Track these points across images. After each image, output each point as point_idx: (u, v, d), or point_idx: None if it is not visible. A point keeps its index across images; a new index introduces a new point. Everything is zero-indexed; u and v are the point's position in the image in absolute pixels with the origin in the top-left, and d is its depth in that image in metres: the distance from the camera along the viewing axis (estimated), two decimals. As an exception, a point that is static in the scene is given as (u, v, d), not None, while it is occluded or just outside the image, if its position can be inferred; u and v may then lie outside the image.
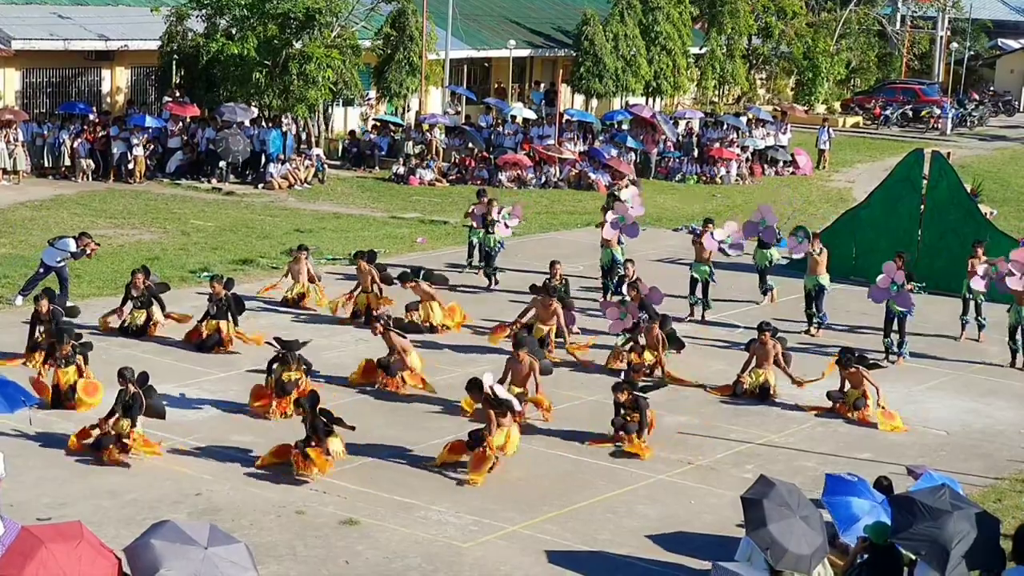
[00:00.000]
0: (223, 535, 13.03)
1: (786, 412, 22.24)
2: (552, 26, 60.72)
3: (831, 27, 71.53)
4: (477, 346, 25.27)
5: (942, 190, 31.32)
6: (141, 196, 39.18)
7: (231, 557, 12.70)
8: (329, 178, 43.53)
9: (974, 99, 73.01)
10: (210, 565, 12.47)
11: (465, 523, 17.18)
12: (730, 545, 16.10)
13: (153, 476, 18.20)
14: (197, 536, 12.70)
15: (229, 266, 30.45)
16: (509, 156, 45.40)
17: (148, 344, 24.22)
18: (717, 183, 47.17)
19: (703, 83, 62.77)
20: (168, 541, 12.58)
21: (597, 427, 20.87)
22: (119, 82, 45.69)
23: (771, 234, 28.74)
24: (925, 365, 25.25)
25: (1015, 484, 19.28)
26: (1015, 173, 52.94)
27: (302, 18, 42.85)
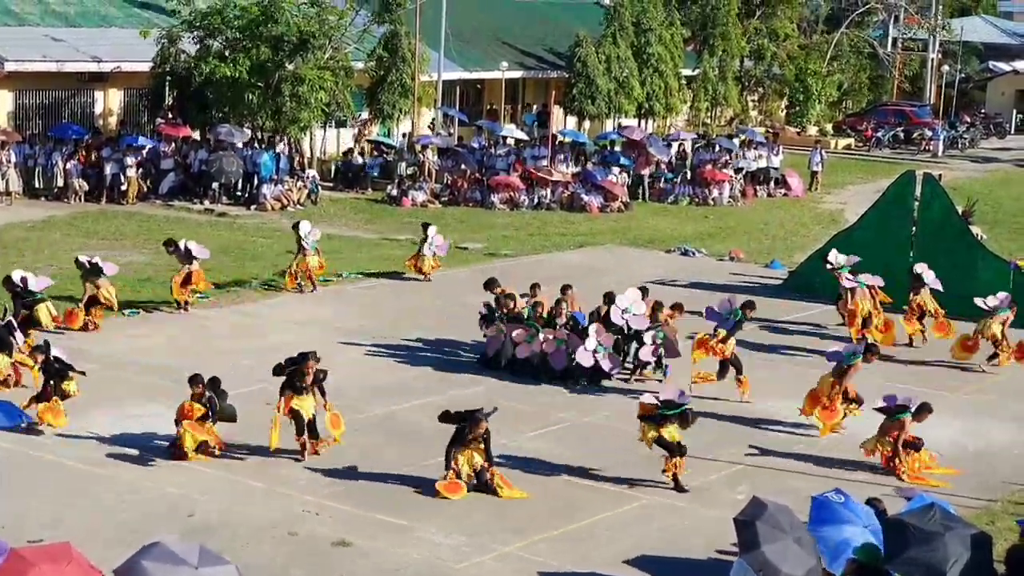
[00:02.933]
0: (213, 556, 12.98)
1: (778, 433, 22.22)
2: (544, 48, 60.82)
3: (823, 49, 71.73)
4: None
5: (934, 212, 31.38)
6: (134, 217, 39.18)
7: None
8: (322, 199, 43.55)
9: (965, 121, 73.16)
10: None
11: (458, 544, 17.16)
12: (723, 567, 16.06)
13: (146, 495, 18.17)
14: (187, 557, 12.64)
15: (220, 290, 30.43)
16: (501, 178, 45.44)
17: (138, 365, 24.16)
18: (710, 205, 47.22)
19: (695, 105, 62.90)
20: (158, 563, 12.52)
21: (589, 448, 20.88)
22: (112, 103, 45.70)
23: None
24: (919, 387, 25.24)
25: (1008, 506, 19.27)
26: (1006, 195, 53.04)
27: (295, 40, 42.94)
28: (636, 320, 25.01)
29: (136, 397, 21.82)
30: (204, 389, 19.68)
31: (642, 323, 24.90)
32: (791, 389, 24.70)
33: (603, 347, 24.35)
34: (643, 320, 24.99)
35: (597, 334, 24.38)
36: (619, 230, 41.00)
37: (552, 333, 24.74)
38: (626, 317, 25.03)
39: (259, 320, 28.14)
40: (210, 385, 19.79)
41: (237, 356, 25.20)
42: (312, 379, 19.97)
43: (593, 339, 24.32)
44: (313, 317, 28.51)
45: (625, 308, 25.11)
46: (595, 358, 24.29)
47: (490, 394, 23.40)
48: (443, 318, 28.81)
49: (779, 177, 51.16)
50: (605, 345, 24.39)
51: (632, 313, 25.10)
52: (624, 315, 25.06)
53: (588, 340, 24.32)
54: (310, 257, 30.60)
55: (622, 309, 25.08)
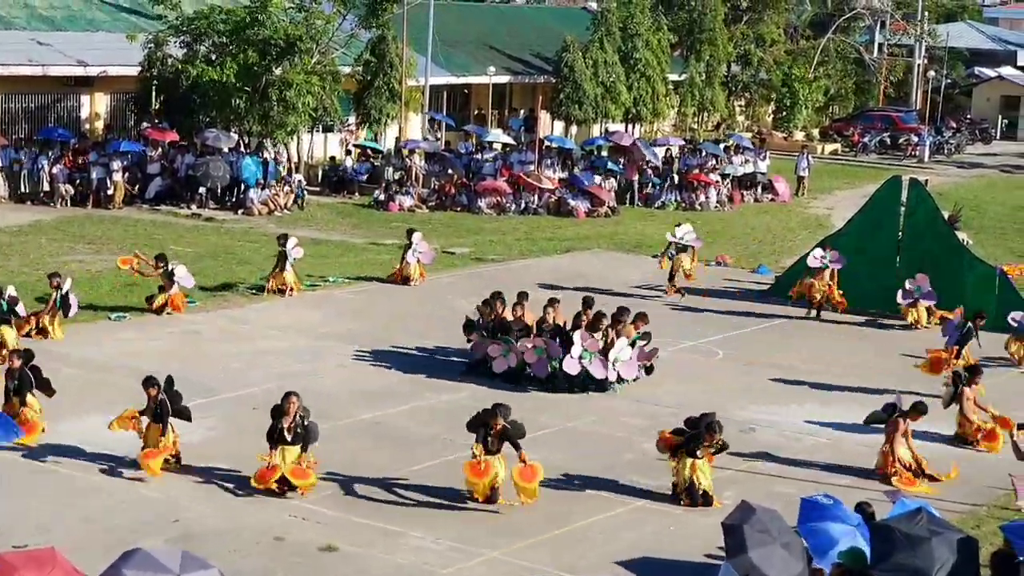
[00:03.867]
0: (197, 561, 12.89)
1: (765, 438, 22.25)
2: (532, 52, 60.86)
3: (809, 55, 71.91)
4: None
5: (920, 217, 31.46)
6: (120, 222, 39.12)
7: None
8: (309, 204, 43.52)
9: (951, 127, 73.35)
10: None
11: (444, 549, 17.15)
12: (710, 571, 16.09)
13: (132, 502, 18.13)
14: (169, 563, 12.55)
15: (208, 292, 30.43)
16: (488, 182, 45.46)
17: (125, 369, 24.11)
18: (697, 210, 47.27)
19: (682, 110, 63.00)
20: (139, 570, 12.45)
21: (576, 453, 20.90)
22: (98, 108, 45.65)
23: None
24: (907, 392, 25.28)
25: (994, 510, 19.30)
26: (992, 200, 53.17)
27: (282, 45, 42.91)
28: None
29: (124, 402, 21.69)
30: (159, 392, 19.48)
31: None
32: (778, 394, 24.78)
33: (589, 353, 24.28)
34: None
35: (582, 340, 24.31)
36: (606, 235, 41.03)
37: (531, 342, 24.65)
38: (583, 361, 24.46)
39: (247, 325, 28.12)
40: (165, 386, 19.56)
41: (226, 360, 25.20)
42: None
43: (578, 345, 24.25)
44: (300, 321, 28.50)
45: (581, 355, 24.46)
46: (582, 365, 24.24)
47: (476, 400, 23.39)
48: (430, 323, 28.81)
49: (766, 182, 51.23)
50: (591, 351, 24.33)
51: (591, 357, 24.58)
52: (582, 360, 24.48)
53: (574, 347, 24.26)
54: (287, 273, 30.61)
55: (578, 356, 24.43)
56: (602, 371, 24.25)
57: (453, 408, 22.95)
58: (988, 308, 30.08)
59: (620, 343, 24.50)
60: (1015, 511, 18.34)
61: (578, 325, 24.87)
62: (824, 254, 31.13)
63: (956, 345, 26.07)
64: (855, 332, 30.08)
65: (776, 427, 22.84)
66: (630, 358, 24.53)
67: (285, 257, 30.63)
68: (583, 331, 24.49)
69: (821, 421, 23.26)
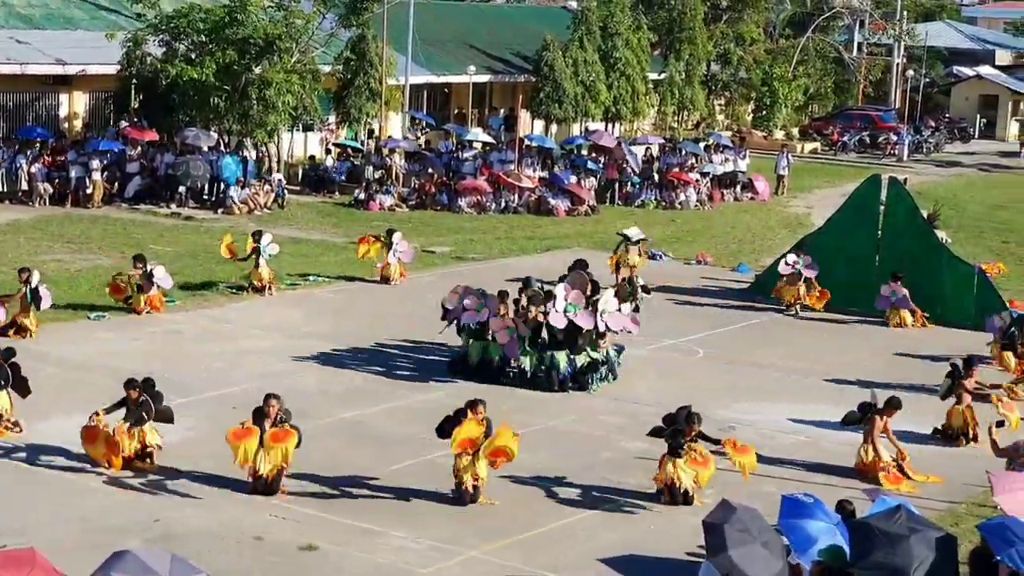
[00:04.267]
0: (186, 565, 12.86)
1: (745, 437, 22.23)
2: (512, 51, 60.84)
3: (789, 54, 72.06)
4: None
5: (899, 216, 31.54)
6: (99, 221, 39.02)
7: None
8: (289, 203, 43.46)
9: (930, 126, 73.53)
10: None
11: (424, 548, 17.14)
12: (690, 570, 16.11)
13: (112, 501, 18.09)
14: (158, 567, 12.50)
15: (188, 292, 30.37)
16: (469, 182, 45.44)
17: (105, 369, 24.06)
18: (677, 208, 47.32)
19: (662, 109, 63.06)
20: (128, 573, 12.41)
21: (555, 452, 20.91)
22: (77, 106, 45.51)
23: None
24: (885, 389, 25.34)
25: (972, 508, 19.37)
26: (970, 199, 53.34)
27: (261, 43, 42.81)
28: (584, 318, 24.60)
29: (104, 401, 21.64)
30: (140, 393, 19.48)
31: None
32: (758, 392, 24.83)
33: (573, 306, 24.34)
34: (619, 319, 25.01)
35: (565, 293, 24.42)
36: (586, 233, 41.05)
37: (505, 323, 24.63)
38: (569, 315, 24.53)
39: (227, 324, 28.08)
40: (144, 387, 19.59)
41: (206, 360, 25.16)
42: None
43: (561, 299, 24.34)
44: (281, 321, 28.47)
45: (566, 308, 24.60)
46: (567, 317, 24.30)
47: (456, 399, 23.38)
48: (410, 322, 28.79)
49: (746, 181, 51.30)
50: (575, 304, 24.37)
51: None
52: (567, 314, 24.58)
53: (557, 301, 24.32)
54: (263, 268, 30.66)
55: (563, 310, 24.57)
56: (589, 321, 24.30)
57: (433, 407, 22.91)
58: (966, 307, 30.33)
59: (607, 294, 24.61)
60: (993, 508, 18.39)
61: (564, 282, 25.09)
62: (797, 259, 31.24)
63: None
64: (835, 330, 30.15)
65: (756, 425, 22.88)
66: (618, 309, 24.65)
67: (259, 253, 30.65)
68: (566, 284, 24.57)
69: (801, 419, 23.31)
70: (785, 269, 31.35)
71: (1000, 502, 15.59)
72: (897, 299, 30.28)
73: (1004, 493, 15.67)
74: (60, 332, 26.46)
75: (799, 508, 15.38)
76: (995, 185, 59.07)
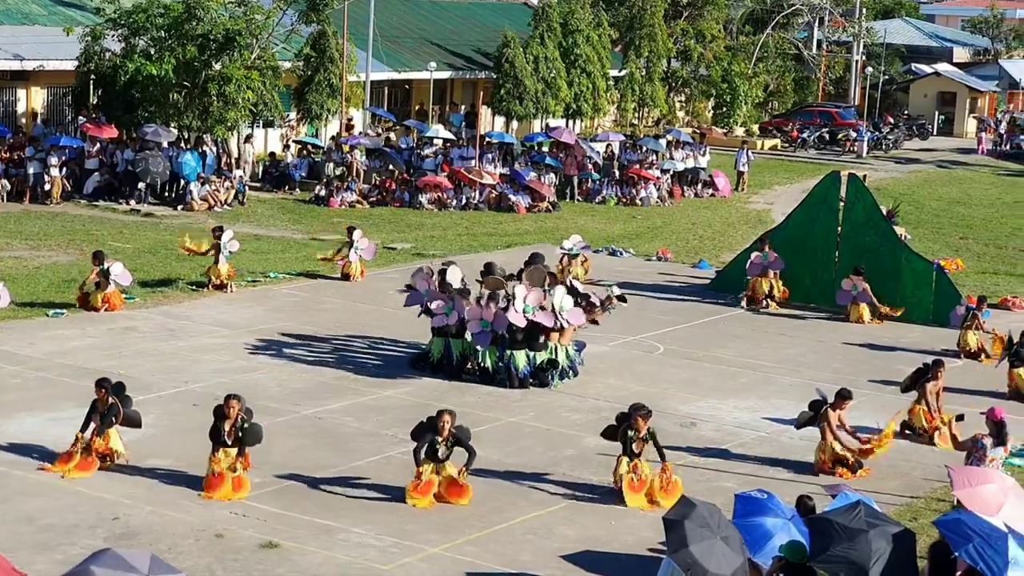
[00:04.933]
0: (165, 565, 12.78)
1: (705, 433, 22.36)
2: (473, 48, 60.84)
3: (749, 51, 72.27)
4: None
5: (858, 212, 31.69)
6: (58, 218, 38.81)
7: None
8: (249, 200, 43.33)
9: (889, 123, 73.88)
10: None
11: (385, 545, 17.13)
12: (650, 566, 16.16)
13: (69, 500, 17.99)
14: (138, 564, 12.47)
15: (147, 289, 30.25)
16: (429, 178, 45.42)
17: (64, 367, 23.95)
18: (637, 205, 47.41)
19: (623, 105, 63.16)
20: (108, 569, 12.34)
21: (516, 448, 20.93)
22: (35, 102, 45.25)
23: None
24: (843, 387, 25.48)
25: (930, 503, 19.49)
26: (929, 195, 53.63)
27: (221, 39, 42.66)
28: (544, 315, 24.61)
29: (61, 399, 21.62)
30: (108, 394, 19.39)
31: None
32: (718, 389, 24.91)
33: (531, 307, 24.31)
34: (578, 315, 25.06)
35: (524, 293, 24.42)
36: (547, 230, 41.08)
37: (479, 314, 24.56)
38: (528, 315, 24.47)
39: (186, 321, 27.97)
40: (114, 390, 19.47)
41: (165, 357, 25.06)
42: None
43: (520, 299, 24.34)
44: (240, 318, 28.39)
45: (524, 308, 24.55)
46: (526, 317, 24.31)
47: (417, 395, 23.42)
48: (371, 318, 28.77)
49: (706, 178, 51.44)
50: (533, 305, 24.35)
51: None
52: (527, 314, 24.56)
53: (516, 300, 24.30)
54: (222, 265, 30.58)
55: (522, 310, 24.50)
56: (550, 320, 24.34)
57: (394, 404, 22.96)
58: (925, 302, 30.50)
59: (558, 291, 24.65)
60: (951, 503, 18.50)
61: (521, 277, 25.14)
62: (762, 254, 31.45)
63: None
64: (795, 326, 30.26)
65: (716, 421, 22.96)
66: (574, 306, 24.70)
67: (219, 249, 30.55)
68: (525, 283, 24.57)
69: (761, 415, 23.39)
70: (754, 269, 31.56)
71: (959, 497, 15.68)
72: (858, 293, 30.43)
73: (963, 488, 15.76)
74: (18, 330, 26.30)
75: (752, 506, 15.44)
76: (953, 181, 59.42)
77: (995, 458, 18.80)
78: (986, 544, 13.75)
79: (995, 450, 18.88)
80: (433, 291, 25.25)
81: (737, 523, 15.06)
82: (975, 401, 23.01)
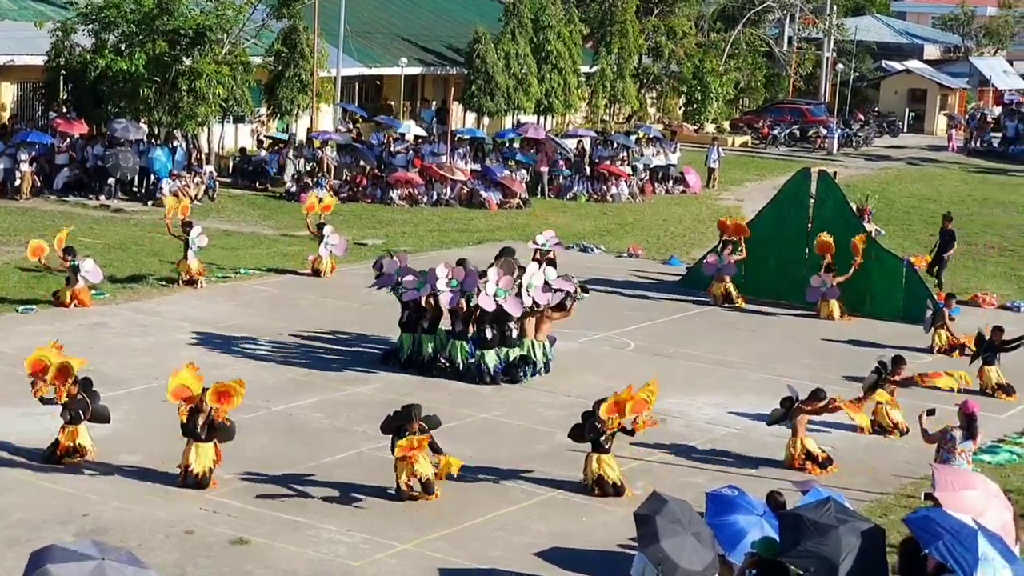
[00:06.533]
0: (109, 547, 12.77)
1: (676, 429, 22.40)
2: (443, 44, 60.82)
3: (720, 47, 72.39)
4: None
5: (828, 208, 31.77)
6: (28, 213, 38.65)
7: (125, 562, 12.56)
8: (220, 195, 43.22)
9: (859, 119, 74.08)
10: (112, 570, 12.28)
11: (356, 542, 17.12)
12: (622, 562, 16.19)
13: (39, 496, 17.94)
14: (88, 551, 12.46)
15: (118, 284, 30.16)
16: (400, 174, 45.37)
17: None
18: (608, 201, 47.44)
19: (594, 102, 63.20)
20: (62, 562, 12.31)
21: (487, 444, 20.94)
22: (4, 98, 45.04)
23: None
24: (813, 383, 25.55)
25: (900, 499, 19.57)
26: (899, 192, 53.80)
27: (192, 35, 42.54)
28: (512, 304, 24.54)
29: (31, 395, 21.51)
30: (79, 390, 19.35)
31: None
32: (689, 385, 24.95)
33: (504, 291, 24.32)
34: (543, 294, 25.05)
35: (496, 277, 24.40)
36: (518, 226, 41.06)
37: (447, 272, 24.57)
38: (499, 299, 24.45)
39: (156, 317, 27.90)
40: (82, 386, 19.44)
41: (135, 353, 25.00)
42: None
43: (492, 283, 24.32)
44: (211, 314, 28.32)
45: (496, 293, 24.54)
46: (496, 302, 24.29)
47: (388, 391, 23.40)
48: (341, 314, 28.74)
49: (677, 174, 51.49)
50: (506, 289, 24.36)
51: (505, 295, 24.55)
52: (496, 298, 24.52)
53: (488, 284, 24.29)
54: (191, 260, 30.52)
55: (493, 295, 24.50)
56: (518, 309, 24.35)
57: (365, 400, 22.95)
58: (895, 299, 30.61)
59: (531, 267, 24.72)
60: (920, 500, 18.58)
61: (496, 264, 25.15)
62: (718, 256, 31.71)
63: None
64: (765, 322, 30.34)
65: (686, 417, 23.00)
66: (544, 282, 24.77)
67: (188, 245, 30.49)
68: (498, 267, 24.58)
69: (731, 411, 23.45)
70: (709, 270, 31.95)
71: (940, 499, 15.70)
72: (827, 290, 30.53)
73: (945, 490, 15.77)
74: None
75: (724, 504, 15.44)
76: (923, 178, 59.62)
77: (964, 450, 18.88)
78: (956, 541, 13.77)
79: (964, 443, 18.97)
80: (404, 268, 25.27)
81: (710, 522, 15.07)
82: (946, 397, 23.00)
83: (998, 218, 48.32)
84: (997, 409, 23.98)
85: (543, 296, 24.78)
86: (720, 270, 31.68)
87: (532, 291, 24.58)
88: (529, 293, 24.56)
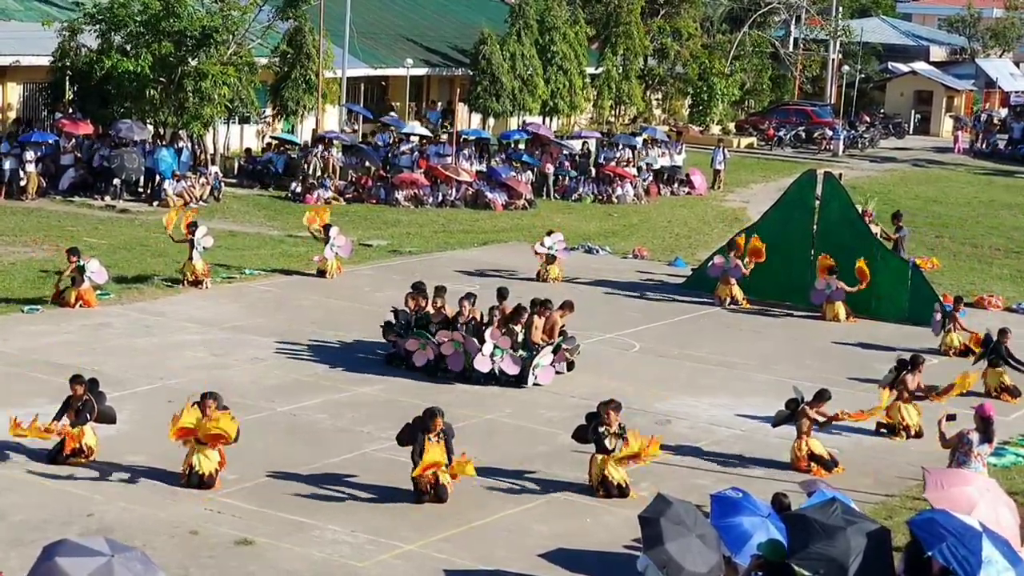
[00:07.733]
0: (121, 546, 12.83)
1: (680, 431, 22.37)
2: (449, 45, 60.81)
3: (726, 49, 72.35)
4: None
5: (833, 210, 31.73)
6: (33, 213, 38.67)
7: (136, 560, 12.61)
8: (225, 196, 43.22)
9: (865, 121, 74.02)
10: (121, 567, 12.32)
11: (360, 542, 17.11)
12: (626, 563, 16.16)
13: (43, 496, 17.94)
14: (98, 547, 12.52)
15: (123, 285, 30.17)
16: (406, 175, 45.36)
17: (38, 363, 23.86)
18: (614, 203, 47.40)
19: (599, 103, 63.17)
20: (72, 556, 12.36)
21: (491, 445, 20.93)
22: (10, 98, 45.06)
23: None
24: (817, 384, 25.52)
25: (905, 500, 19.54)
26: (904, 194, 53.72)
27: (198, 35, 42.54)
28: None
29: (36, 395, 21.54)
30: (84, 390, 19.36)
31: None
32: (693, 386, 24.93)
33: (501, 350, 24.25)
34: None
35: (492, 338, 24.29)
36: (523, 227, 41.04)
37: (449, 336, 24.61)
38: (496, 359, 24.37)
39: (161, 318, 27.89)
40: (89, 386, 19.46)
41: (140, 354, 24.99)
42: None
43: (490, 344, 24.23)
44: (216, 315, 28.32)
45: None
46: (493, 362, 24.23)
47: (392, 392, 23.39)
48: (346, 315, 28.73)
49: (682, 176, 51.46)
50: (503, 348, 24.31)
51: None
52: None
53: (485, 345, 24.24)
54: (196, 261, 30.48)
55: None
56: (514, 368, 24.25)
57: (368, 401, 22.94)
58: (900, 301, 30.57)
59: (545, 351, 24.54)
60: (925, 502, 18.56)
61: (493, 317, 24.84)
62: (725, 259, 31.68)
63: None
64: (770, 324, 30.30)
65: (691, 419, 22.98)
66: (551, 363, 24.63)
67: (194, 246, 30.46)
68: (494, 328, 24.47)
69: (736, 413, 23.42)
70: (714, 271, 31.97)
71: (930, 499, 15.70)
72: (832, 292, 30.49)
73: (935, 490, 15.78)
74: (-8, 326, 26.21)
75: (729, 506, 15.41)
76: (929, 180, 59.56)
77: (980, 453, 18.87)
78: (959, 543, 13.77)
79: (981, 446, 18.95)
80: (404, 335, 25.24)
81: (716, 525, 15.06)
82: (961, 400, 22.94)
83: (1004, 220, 48.28)
84: (1002, 411, 23.87)
85: (547, 376, 24.68)
86: (726, 272, 31.65)
87: (537, 371, 24.44)
88: (534, 373, 24.43)
